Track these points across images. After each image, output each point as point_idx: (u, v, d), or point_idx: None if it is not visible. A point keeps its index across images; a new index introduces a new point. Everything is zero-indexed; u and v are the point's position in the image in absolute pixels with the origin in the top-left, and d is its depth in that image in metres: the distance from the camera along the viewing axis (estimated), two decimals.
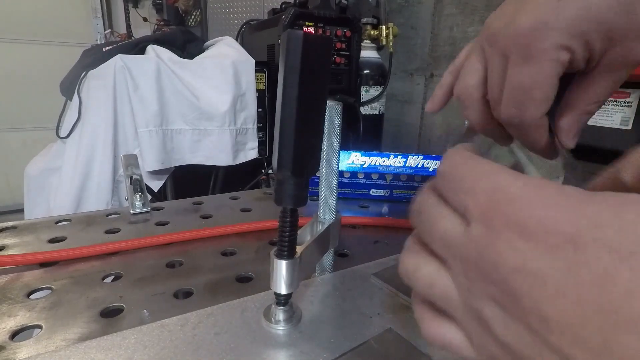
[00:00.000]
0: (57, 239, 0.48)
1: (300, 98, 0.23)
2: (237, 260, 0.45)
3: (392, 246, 0.49)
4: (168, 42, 1.07)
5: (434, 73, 1.38)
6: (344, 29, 1.10)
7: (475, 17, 1.19)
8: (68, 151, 0.98)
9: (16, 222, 0.52)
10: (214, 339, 0.28)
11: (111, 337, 0.28)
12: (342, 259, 0.45)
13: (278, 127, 0.24)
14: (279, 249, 0.28)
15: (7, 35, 2.05)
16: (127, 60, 0.93)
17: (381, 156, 0.65)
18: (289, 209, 0.27)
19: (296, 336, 0.29)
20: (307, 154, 0.26)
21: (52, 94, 1.23)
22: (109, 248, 0.44)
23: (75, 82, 0.99)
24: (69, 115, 1.01)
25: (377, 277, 0.37)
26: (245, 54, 1.10)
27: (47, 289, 0.38)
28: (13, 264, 0.41)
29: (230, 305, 0.32)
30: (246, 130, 1.09)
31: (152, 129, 0.96)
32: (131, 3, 2.29)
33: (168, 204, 0.62)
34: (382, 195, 0.65)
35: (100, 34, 2.28)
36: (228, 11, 1.57)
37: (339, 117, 0.34)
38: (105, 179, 0.95)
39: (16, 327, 0.32)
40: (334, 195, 0.36)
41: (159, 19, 1.97)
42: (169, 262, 0.43)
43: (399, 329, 0.30)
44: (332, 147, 0.34)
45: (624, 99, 0.80)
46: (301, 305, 0.32)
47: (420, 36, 1.38)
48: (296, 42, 0.22)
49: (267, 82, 1.11)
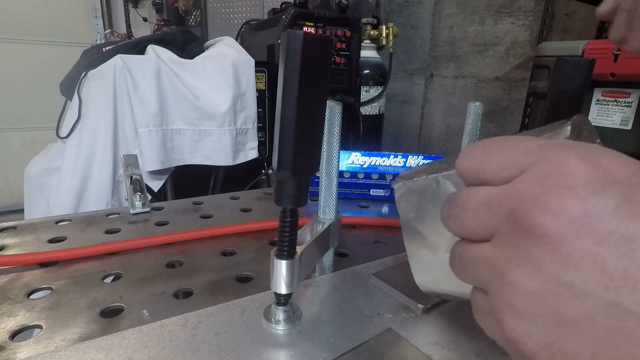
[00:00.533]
0: (57, 239, 0.48)
1: (300, 98, 0.23)
2: (237, 260, 0.45)
3: (392, 246, 0.49)
4: (168, 42, 1.07)
5: (434, 73, 1.38)
6: (344, 29, 1.11)
7: (475, 17, 1.19)
8: (68, 151, 0.98)
9: (16, 222, 0.52)
10: (214, 339, 0.28)
11: (111, 337, 0.28)
12: (342, 259, 0.45)
13: (278, 127, 0.24)
14: (279, 249, 0.28)
15: (7, 35, 2.05)
16: (127, 60, 0.93)
17: (381, 156, 0.65)
18: (289, 209, 0.27)
19: (296, 336, 0.29)
20: (307, 154, 0.26)
21: (52, 94, 1.23)
22: (109, 248, 0.44)
23: (75, 82, 0.99)
24: (69, 115, 1.01)
25: (377, 277, 0.37)
26: (245, 54, 1.10)
27: (47, 289, 0.38)
28: (13, 264, 0.41)
29: (230, 305, 0.32)
30: (246, 130, 1.09)
31: (152, 129, 0.96)
32: (131, 3, 2.29)
33: (168, 204, 0.62)
34: (382, 195, 0.65)
35: (100, 34, 2.28)
36: (228, 11, 1.57)
37: (339, 117, 0.34)
38: (105, 179, 0.95)
39: (16, 327, 0.32)
40: (334, 195, 0.36)
41: (159, 19, 1.97)
42: (169, 262, 0.43)
43: (399, 329, 0.30)
44: (332, 147, 0.34)
45: (623, 99, 0.80)
46: (301, 305, 0.32)
47: (420, 36, 1.38)
48: (296, 42, 0.22)
49: (267, 82, 1.11)
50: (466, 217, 0.18)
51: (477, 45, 1.28)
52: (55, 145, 1.07)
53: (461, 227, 0.18)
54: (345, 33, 1.11)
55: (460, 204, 0.18)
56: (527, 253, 0.15)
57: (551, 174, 0.15)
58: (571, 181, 0.15)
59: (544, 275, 0.15)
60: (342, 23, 1.10)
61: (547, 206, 0.15)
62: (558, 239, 0.14)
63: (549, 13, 1.23)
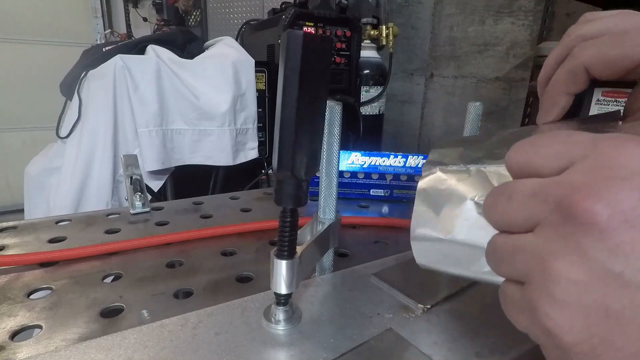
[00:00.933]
0: (57, 239, 0.48)
1: (300, 98, 0.23)
2: (237, 260, 0.45)
3: (392, 246, 0.49)
4: (168, 42, 1.07)
5: (434, 73, 1.38)
6: (344, 29, 1.11)
7: (475, 17, 1.19)
8: (68, 151, 0.98)
9: (16, 222, 0.52)
10: (214, 339, 0.28)
11: (111, 337, 0.28)
12: (342, 259, 0.46)
13: (278, 127, 0.24)
14: (279, 249, 0.28)
15: (7, 35, 2.06)
16: (127, 60, 0.93)
17: (381, 156, 0.65)
18: (289, 209, 0.27)
19: (296, 336, 0.29)
20: (307, 154, 0.25)
21: (52, 94, 1.23)
22: (109, 248, 0.44)
23: (75, 82, 0.99)
24: (69, 115, 1.01)
25: (377, 277, 0.37)
26: (245, 54, 1.10)
27: (47, 289, 0.38)
28: (13, 264, 0.41)
29: (230, 305, 0.32)
30: (246, 130, 1.09)
31: (152, 129, 0.96)
32: (131, 3, 2.29)
33: (168, 204, 0.62)
34: (382, 195, 0.65)
35: (100, 34, 2.28)
36: (228, 11, 1.57)
37: (339, 117, 0.34)
38: (105, 179, 0.95)
39: (16, 327, 0.32)
40: (334, 195, 0.36)
41: (159, 19, 1.97)
42: (169, 262, 0.43)
43: (399, 329, 0.30)
44: (332, 147, 0.34)
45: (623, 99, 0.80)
46: (301, 305, 0.32)
47: (420, 36, 1.38)
48: (296, 42, 0.22)
49: (267, 82, 1.11)
50: (510, 207, 0.17)
51: (477, 45, 1.28)
52: (55, 145, 1.07)
53: (503, 217, 0.18)
54: (345, 33, 1.11)
55: (505, 194, 0.18)
56: (574, 242, 0.14)
57: (605, 165, 0.15)
58: (626, 171, 0.14)
59: (591, 265, 0.14)
60: (342, 23, 1.10)
61: (599, 194, 0.14)
62: (609, 228, 0.14)
63: (549, 13, 1.23)
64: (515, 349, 0.28)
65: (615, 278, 0.14)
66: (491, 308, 0.32)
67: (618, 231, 0.14)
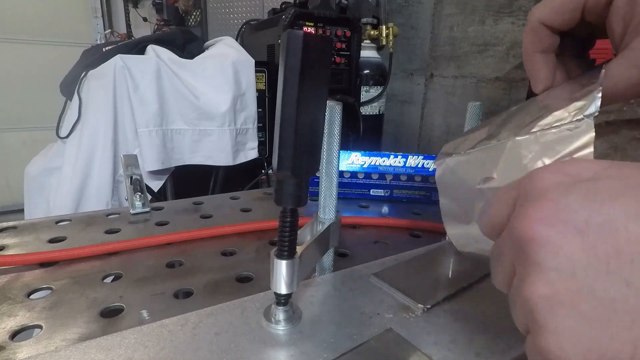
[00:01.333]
0: (57, 239, 0.48)
1: (300, 98, 0.23)
2: (237, 260, 0.45)
3: (392, 246, 0.49)
4: (168, 42, 1.07)
5: (434, 73, 1.38)
6: (344, 29, 1.10)
7: (475, 17, 1.19)
8: (68, 151, 0.98)
9: (16, 222, 0.52)
10: (214, 339, 0.28)
11: (111, 337, 0.28)
12: (342, 259, 0.45)
13: (278, 127, 0.24)
14: (279, 249, 0.28)
15: (7, 35, 2.05)
16: (127, 60, 0.93)
17: (381, 156, 0.65)
18: (289, 209, 0.27)
19: (296, 336, 0.29)
20: (307, 154, 0.25)
21: (52, 94, 1.23)
22: (109, 248, 0.44)
23: (75, 82, 0.99)
24: (69, 115, 1.01)
25: (377, 277, 0.37)
26: (245, 54, 1.10)
27: (47, 289, 0.38)
28: (13, 264, 0.41)
29: (230, 305, 0.32)
30: (246, 130, 1.09)
31: (152, 129, 0.96)
32: (131, 3, 2.29)
33: (168, 204, 0.62)
34: (382, 195, 0.65)
35: (100, 34, 2.28)
36: (228, 11, 1.57)
37: (339, 117, 0.34)
38: (105, 179, 0.95)
39: (16, 327, 0.32)
40: (334, 195, 0.36)
41: (159, 19, 1.97)
42: (169, 262, 0.43)
43: (399, 329, 0.30)
44: (332, 147, 0.34)
45: None
46: (301, 305, 0.32)
47: (420, 36, 1.38)
48: (296, 42, 0.22)
49: (267, 82, 1.11)
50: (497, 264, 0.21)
51: (477, 45, 1.28)
52: (55, 145, 1.07)
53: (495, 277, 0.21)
54: (345, 33, 1.11)
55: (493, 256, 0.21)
56: (531, 262, 0.17)
57: (528, 191, 0.18)
58: (542, 191, 0.17)
59: (549, 273, 0.16)
60: (342, 23, 1.10)
61: (527, 216, 0.17)
62: (545, 240, 0.16)
63: None
64: (515, 349, 0.28)
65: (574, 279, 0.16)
66: (491, 308, 0.32)
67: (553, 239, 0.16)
